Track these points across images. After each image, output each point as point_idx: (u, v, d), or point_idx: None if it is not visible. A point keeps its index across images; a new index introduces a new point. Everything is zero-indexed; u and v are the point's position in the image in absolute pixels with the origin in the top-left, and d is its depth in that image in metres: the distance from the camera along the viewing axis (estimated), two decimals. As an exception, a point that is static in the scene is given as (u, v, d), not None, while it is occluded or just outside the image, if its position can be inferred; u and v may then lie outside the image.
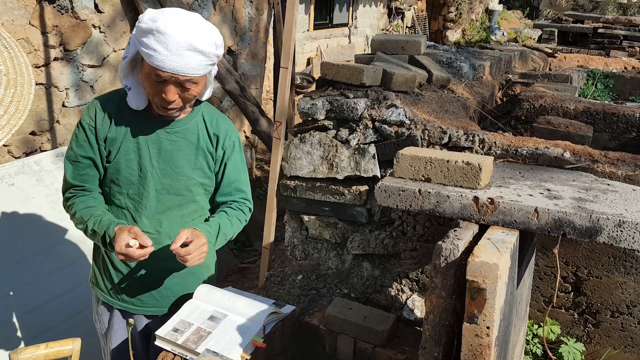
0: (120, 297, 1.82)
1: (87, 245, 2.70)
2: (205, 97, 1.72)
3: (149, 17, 1.46)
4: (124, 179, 1.68)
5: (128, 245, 1.51)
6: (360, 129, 2.32)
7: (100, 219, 1.63)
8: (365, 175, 2.32)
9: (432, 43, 4.22)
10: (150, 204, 1.70)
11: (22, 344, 2.37)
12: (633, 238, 1.51)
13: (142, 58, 1.50)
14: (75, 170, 1.69)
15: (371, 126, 2.31)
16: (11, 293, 2.39)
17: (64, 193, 1.74)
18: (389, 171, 2.25)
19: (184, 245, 1.58)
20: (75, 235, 2.64)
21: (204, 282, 1.93)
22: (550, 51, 5.80)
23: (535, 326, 2.28)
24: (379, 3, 11.43)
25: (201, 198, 1.79)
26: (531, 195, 1.70)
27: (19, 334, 2.38)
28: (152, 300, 1.82)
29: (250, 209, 1.89)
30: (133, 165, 1.67)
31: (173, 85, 1.51)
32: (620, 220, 1.51)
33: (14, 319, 2.38)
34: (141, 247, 1.54)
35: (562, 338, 2.21)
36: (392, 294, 2.39)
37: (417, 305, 2.28)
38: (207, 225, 1.71)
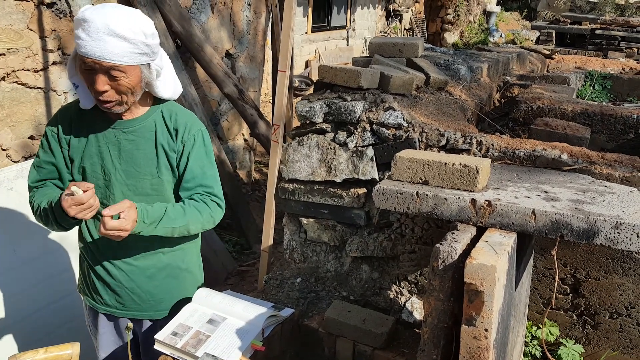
0: (103, 301, 1.83)
1: (86, 249, 2.70)
2: (164, 94, 1.68)
3: (81, 9, 1.48)
4: (94, 182, 1.69)
5: (71, 194, 1.49)
6: (358, 132, 2.32)
7: (51, 200, 1.63)
8: (363, 178, 2.33)
9: (430, 45, 4.24)
10: None
11: (21, 349, 2.37)
12: (630, 240, 1.51)
13: None
14: (38, 174, 1.74)
15: (369, 129, 2.31)
16: (10, 297, 2.38)
17: (30, 198, 1.77)
18: (387, 174, 2.25)
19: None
20: (73, 240, 2.64)
21: (189, 286, 1.91)
22: (548, 53, 5.82)
23: (534, 328, 2.29)
24: (376, 5, 11.46)
25: (173, 197, 1.77)
26: (529, 197, 1.70)
27: (17, 338, 2.38)
28: (133, 304, 1.82)
29: (219, 205, 1.79)
30: (97, 169, 1.69)
31: (101, 74, 1.49)
32: (617, 222, 1.52)
33: (13, 324, 2.38)
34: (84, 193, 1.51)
35: (561, 340, 2.21)
36: (391, 296, 2.39)
37: (416, 308, 2.28)
38: (149, 205, 1.63)
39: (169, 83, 1.70)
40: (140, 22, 1.50)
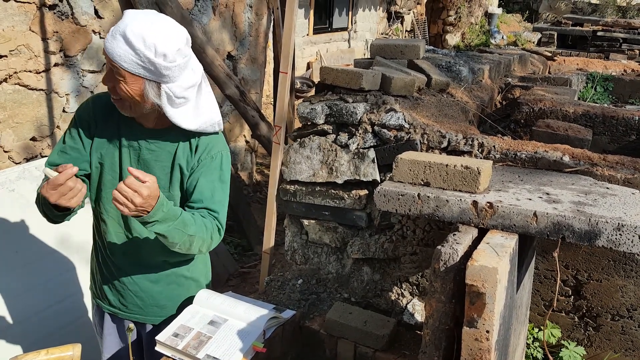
0: (108, 301, 1.84)
1: (87, 252, 2.70)
2: (180, 122, 1.57)
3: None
4: (107, 182, 1.67)
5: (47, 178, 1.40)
6: (360, 134, 2.32)
7: None
8: (364, 180, 2.33)
9: (432, 47, 4.24)
10: None
11: (23, 350, 2.37)
12: (632, 242, 1.51)
13: None
14: (59, 159, 1.66)
15: (370, 130, 2.31)
16: (12, 299, 2.39)
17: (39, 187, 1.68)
18: (389, 175, 2.25)
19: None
20: (76, 241, 2.64)
21: (193, 294, 1.88)
22: (550, 54, 5.81)
23: (536, 330, 2.28)
24: (378, 7, 11.46)
25: None
26: (530, 199, 1.70)
27: (19, 340, 2.38)
28: (136, 307, 1.82)
29: (219, 230, 1.70)
30: (115, 168, 1.67)
31: (109, 69, 1.49)
32: (619, 223, 1.51)
33: (14, 325, 2.38)
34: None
35: (562, 342, 2.21)
36: (393, 298, 2.39)
37: (418, 310, 2.27)
38: (171, 202, 1.54)
39: (191, 115, 1.60)
40: (159, 38, 1.43)
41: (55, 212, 1.55)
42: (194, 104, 1.61)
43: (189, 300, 1.89)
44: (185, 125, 1.59)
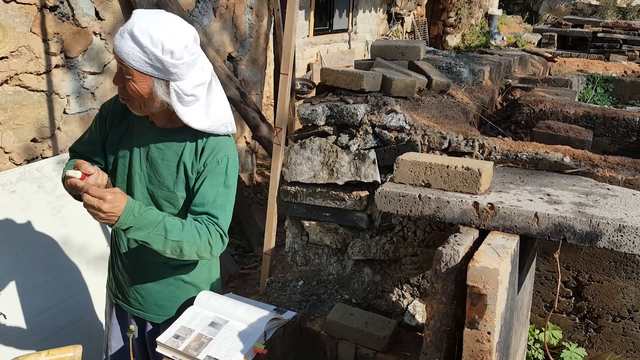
0: (116, 292, 1.91)
1: (88, 253, 2.70)
2: (190, 122, 1.57)
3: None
4: (119, 177, 1.74)
5: (69, 177, 1.51)
6: (360, 135, 2.32)
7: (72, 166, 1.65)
8: (365, 181, 2.33)
9: (432, 48, 4.24)
10: None
11: (24, 351, 2.37)
12: (633, 243, 1.51)
13: None
14: (79, 147, 1.83)
15: (371, 132, 2.31)
16: (13, 299, 2.39)
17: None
18: (389, 176, 2.25)
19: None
20: (77, 242, 2.64)
21: (193, 299, 1.87)
22: (550, 56, 5.82)
23: (537, 331, 2.28)
24: (378, 9, 11.47)
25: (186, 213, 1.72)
26: (531, 200, 1.70)
27: (20, 340, 2.38)
28: (136, 303, 1.87)
29: (221, 236, 1.67)
30: (125, 164, 1.72)
31: (119, 69, 1.52)
32: (620, 225, 1.51)
33: (16, 326, 2.38)
34: (85, 176, 1.51)
35: (563, 343, 2.21)
36: (393, 299, 2.38)
37: (419, 311, 2.27)
38: (149, 207, 1.57)
39: (202, 114, 1.60)
40: (166, 35, 1.43)
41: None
42: (204, 103, 1.61)
43: (188, 303, 1.89)
44: (196, 125, 1.59)
